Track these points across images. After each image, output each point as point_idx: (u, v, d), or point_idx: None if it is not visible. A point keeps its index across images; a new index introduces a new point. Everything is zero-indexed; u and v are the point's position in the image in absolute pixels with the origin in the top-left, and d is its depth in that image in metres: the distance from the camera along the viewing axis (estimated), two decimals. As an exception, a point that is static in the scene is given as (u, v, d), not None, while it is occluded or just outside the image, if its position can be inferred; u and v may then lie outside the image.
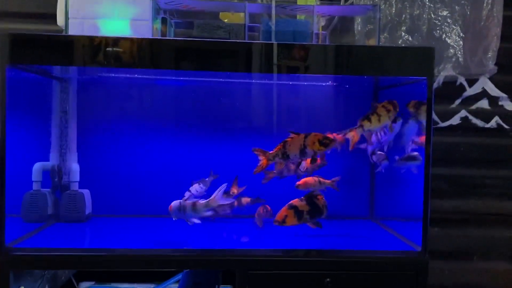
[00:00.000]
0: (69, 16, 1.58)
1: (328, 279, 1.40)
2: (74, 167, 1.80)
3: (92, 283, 1.94)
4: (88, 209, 1.80)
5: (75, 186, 1.79)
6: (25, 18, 2.07)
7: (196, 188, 1.68)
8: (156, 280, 1.90)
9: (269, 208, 1.72)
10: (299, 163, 1.62)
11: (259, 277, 1.40)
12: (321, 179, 1.68)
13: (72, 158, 1.81)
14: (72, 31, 1.55)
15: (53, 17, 1.76)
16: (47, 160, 1.79)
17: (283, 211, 1.52)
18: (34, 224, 1.69)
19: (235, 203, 1.78)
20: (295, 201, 1.54)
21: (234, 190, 1.76)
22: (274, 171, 1.72)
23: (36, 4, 2.06)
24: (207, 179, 1.72)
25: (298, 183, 1.65)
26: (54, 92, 1.81)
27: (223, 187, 1.50)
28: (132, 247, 1.47)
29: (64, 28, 1.60)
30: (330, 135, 1.58)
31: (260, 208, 1.73)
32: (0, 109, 1.37)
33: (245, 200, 1.79)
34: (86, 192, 1.80)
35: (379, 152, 1.72)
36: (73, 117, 1.82)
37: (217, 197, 1.48)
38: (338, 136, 1.63)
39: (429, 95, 1.43)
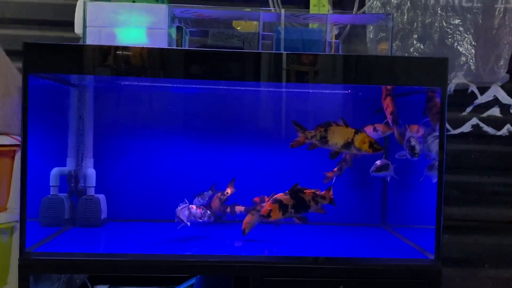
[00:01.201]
0: (87, 24, 1.61)
1: (341, 287, 1.42)
2: (90, 172, 1.83)
3: (106, 286, 1.97)
4: (104, 214, 1.83)
5: (91, 191, 1.81)
6: (42, 25, 2.11)
7: (195, 201, 1.74)
8: (169, 284, 1.92)
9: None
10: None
11: (274, 283, 1.42)
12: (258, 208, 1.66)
13: (89, 163, 1.84)
14: (89, 39, 1.58)
15: (70, 24, 1.79)
16: (64, 165, 1.82)
17: (267, 206, 1.52)
18: (51, 228, 1.72)
19: (228, 210, 1.80)
20: (279, 195, 1.53)
21: (228, 191, 1.78)
22: (334, 170, 1.73)
23: (53, 11, 2.10)
24: (205, 192, 1.76)
25: (242, 227, 1.63)
26: (71, 98, 1.84)
27: (185, 206, 1.61)
28: (146, 252, 1.49)
29: (81, 36, 1.63)
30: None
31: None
32: (22, 116, 1.40)
33: (239, 208, 1.79)
34: (101, 197, 1.83)
35: (381, 160, 1.71)
36: (90, 123, 1.85)
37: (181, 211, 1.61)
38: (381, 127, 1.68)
39: (443, 104, 1.44)
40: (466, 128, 2.18)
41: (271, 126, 1.95)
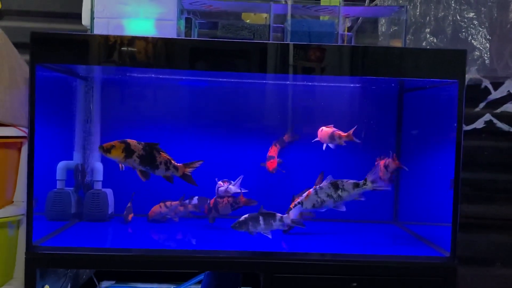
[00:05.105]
0: (95, 15, 1.58)
1: (354, 284, 1.39)
2: (98, 166, 1.80)
3: (112, 282, 1.95)
4: (111, 209, 1.81)
5: (98, 185, 1.79)
6: (49, 18, 2.09)
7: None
8: (177, 280, 1.90)
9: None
10: None
11: (285, 280, 1.39)
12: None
13: (96, 157, 1.82)
14: (97, 31, 1.55)
15: (77, 16, 1.76)
16: (71, 159, 1.79)
17: (113, 142, 1.48)
18: (58, 222, 1.69)
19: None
20: (133, 141, 1.51)
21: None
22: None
23: (60, 3, 2.08)
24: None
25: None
26: (78, 91, 1.81)
27: None
28: (154, 247, 1.46)
29: (89, 27, 1.61)
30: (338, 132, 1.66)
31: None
32: (29, 107, 1.37)
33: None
34: (109, 192, 1.80)
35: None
36: (97, 116, 1.83)
37: None
38: (343, 134, 1.67)
39: (460, 98, 1.41)
40: (479, 124, 2.14)
41: (286, 120, 1.91)
